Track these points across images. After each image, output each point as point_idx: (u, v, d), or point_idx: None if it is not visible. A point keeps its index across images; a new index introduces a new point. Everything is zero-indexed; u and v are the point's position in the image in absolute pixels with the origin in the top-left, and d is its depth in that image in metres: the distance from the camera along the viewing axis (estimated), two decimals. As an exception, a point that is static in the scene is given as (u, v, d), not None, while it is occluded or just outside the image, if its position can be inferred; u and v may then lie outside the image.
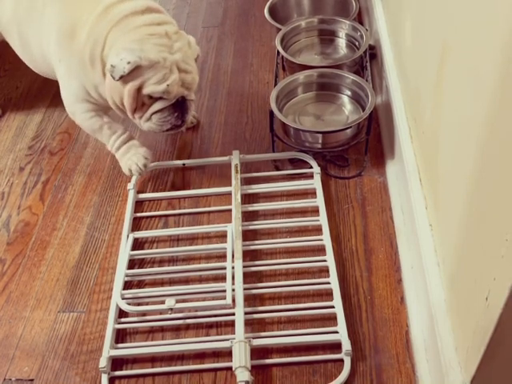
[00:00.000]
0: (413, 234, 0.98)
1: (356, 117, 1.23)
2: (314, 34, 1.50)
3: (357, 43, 1.44)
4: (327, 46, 1.49)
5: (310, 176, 1.18)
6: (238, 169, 1.18)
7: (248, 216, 1.13)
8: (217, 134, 1.33)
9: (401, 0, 1.20)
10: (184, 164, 1.24)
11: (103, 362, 0.90)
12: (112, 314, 0.97)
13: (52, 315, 1.01)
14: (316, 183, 1.15)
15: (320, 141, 1.20)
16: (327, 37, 1.49)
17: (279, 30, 1.46)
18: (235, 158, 1.21)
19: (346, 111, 1.29)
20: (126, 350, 0.93)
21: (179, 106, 1.08)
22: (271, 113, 1.20)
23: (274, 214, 1.14)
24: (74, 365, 0.94)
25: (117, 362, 0.93)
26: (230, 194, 1.16)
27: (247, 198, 1.17)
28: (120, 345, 0.95)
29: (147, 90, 1.04)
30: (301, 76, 1.31)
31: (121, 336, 0.97)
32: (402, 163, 1.07)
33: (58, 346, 0.97)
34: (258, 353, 0.92)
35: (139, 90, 1.04)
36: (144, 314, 0.99)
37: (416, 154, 1.04)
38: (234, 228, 1.06)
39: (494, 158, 0.63)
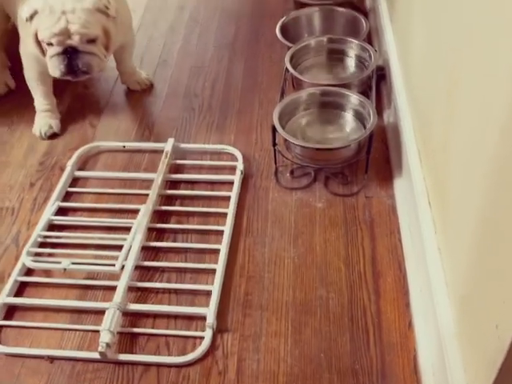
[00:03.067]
0: (421, 258, 0.97)
1: (358, 135, 1.23)
2: (323, 53, 1.51)
3: (366, 63, 1.45)
4: (336, 65, 1.50)
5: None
6: (168, 155, 1.28)
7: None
8: (225, 156, 1.33)
9: (410, 24, 1.21)
10: (124, 146, 1.35)
11: None
12: (18, 267, 1.09)
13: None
14: (236, 177, 1.24)
15: (320, 157, 1.22)
16: (336, 56, 1.51)
17: (289, 48, 1.48)
18: (168, 145, 1.30)
19: (349, 129, 1.30)
20: (19, 299, 1.05)
21: (69, 55, 1.21)
22: (273, 128, 1.21)
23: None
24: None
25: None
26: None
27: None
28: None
29: (39, 35, 1.21)
30: (304, 93, 1.32)
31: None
32: (411, 185, 1.07)
33: None
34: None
35: (37, 35, 1.21)
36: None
37: (425, 177, 1.04)
38: (145, 207, 1.16)
39: (506, 183, 0.62)
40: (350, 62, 1.49)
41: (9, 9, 1.43)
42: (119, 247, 1.11)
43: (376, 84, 1.36)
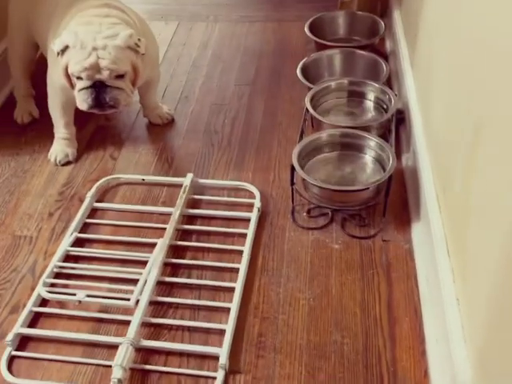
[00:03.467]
0: (438, 306, 0.96)
1: (377, 178, 1.24)
2: (343, 95, 1.53)
3: (385, 106, 1.47)
4: (355, 108, 1.52)
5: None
6: (186, 190, 1.28)
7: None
8: (243, 192, 1.34)
9: (432, 68, 1.22)
10: (143, 179, 1.37)
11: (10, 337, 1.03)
12: (33, 297, 1.10)
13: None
14: (253, 214, 1.25)
15: (338, 198, 1.22)
16: (356, 98, 1.52)
17: (309, 89, 1.50)
18: (187, 180, 1.30)
19: (367, 172, 1.30)
20: (33, 330, 1.06)
21: (98, 89, 1.24)
22: (292, 167, 1.22)
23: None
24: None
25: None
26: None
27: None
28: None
29: (69, 69, 1.24)
30: (324, 134, 1.33)
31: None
32: (429, 232, 1.07)
33: None
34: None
35: (67, 68, 1.24)
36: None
37: (444, 224, 1.03)
38: (162, 242, 1.16)
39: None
40: (370, 105, 1.50)
41: (39, 39, 1.47)
42: (134, 281, 1.11)
43: (395, 127, 1.37)
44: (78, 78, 1.24)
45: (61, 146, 1.45)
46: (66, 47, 1.22)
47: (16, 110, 1.59)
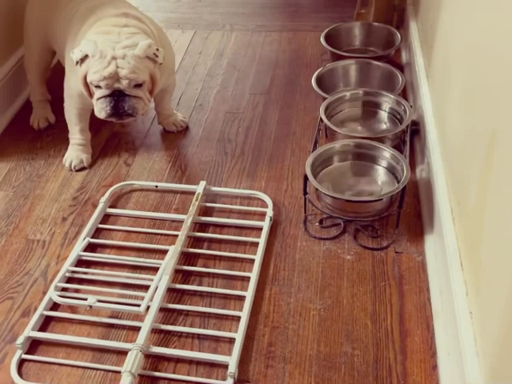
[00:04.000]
0: (451, 320, 0.95)
1: (390, 189, 1.23)
2: (358, 105, 1.52)
3: (399, 117, 1.46)
4: (370, 118, 1.52)
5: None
6: (199, 197, 1.29)
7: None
8: (255, 201, 1.34)
9: (448, 80, 1.22)
10: (157, 186, 1.37)
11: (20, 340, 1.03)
12: (45, 301, 1.10)
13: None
14: (265, 223, 1.25)
15: (351, 209, 1.21)
16: (371, 109, 1.52)
17: (324, 99, 1.50)
18: (200, 188, 1.31)
19: (381, 183, 1.29)
20: (43, 334, 1.06)
21: (116, 98, 1.24)
22: (305, 177, 1.22)
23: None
24: None
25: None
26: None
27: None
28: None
29: (88, 78, 1.24)
30: (338, 145, 1.33)
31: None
32: (443, 244, 1.06)
33: None
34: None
35: (86, 77, 1.25)
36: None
37: (458, 237, 1.02)
38: (173, 249, 1.16)
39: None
40: (384, 116, 1.50)
41: (56, 46, 1.49)
42: (145, 287, 1.11)
43: (410, 138, 1.36)
44: (97, 86, 1.24)
45: (76, 151, 1.46)
46: (86, 56, 1.23)
47: (32, 116, 1.61)
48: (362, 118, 1.52)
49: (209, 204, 1.33)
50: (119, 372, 0.97)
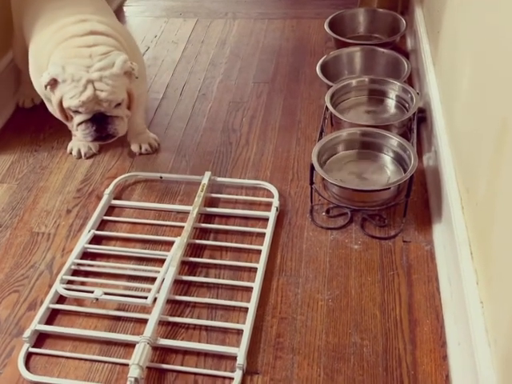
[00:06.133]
0: (461, 309, 0.94)
1: (397, 178, 1.22)
2: (364, 93, 1.51)
3: (406, 105, 1.44)
4: (376, 106, 1.50)
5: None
6: (204, 188, 1.27)
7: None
8: (261, 191, 1.33)
9: (456, 66, 1.20)
10: (161, 177, 1.36)
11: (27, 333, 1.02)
12: (51, 294, 1.09)
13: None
14: (271, 214, 1.23)
15: (358, 198, 1.20)
16: (377, 97, 1.50)
17: (329, 87, 1.48)
18: (205, 178, 1.30)
19: (388, 171, 1.28)
20: (50, 327, 1.05)
21: (98, 121, 1.21)
22: (312, 166, 1.20)
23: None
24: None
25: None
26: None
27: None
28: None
29: (64, 103, 1.20)
30: (344, 133, 1.31)
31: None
32: (452, 233, 1.04)
33: None
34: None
35: (61, 103, 1.20)
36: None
37: (467, 226, 1.01)
38: (179, 240, 1.15)
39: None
40: (391, 103, 1.48)
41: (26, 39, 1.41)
42: (151, 279, 1.11)
43: (416, 126, 1.35)
44: (76, 111, 1.20)
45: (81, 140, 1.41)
46: (54, 82, 1.17)
47: (18, 93, 1.60)
48: (368, 105, 1.50)
49: (214, 195, 1.31)
50: (127, 365, 0.97)
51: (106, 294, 1.06)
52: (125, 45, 1.29)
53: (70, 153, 1.45)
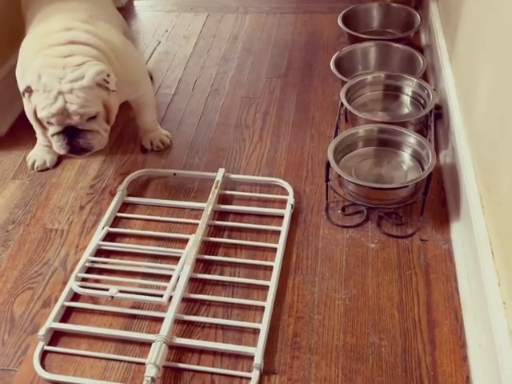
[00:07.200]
0: (481, 310, 0.93)
1: (415, 175, 1.20)
2: (379, 89, 1.49)
3: (422, 101, 1.42)
4: (392, 102, 1.48)
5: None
6: (218, 185, 1.26)
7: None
8: (275, 188, 1.32)
9: (474, 61, 1.18)
10: (175, 174, 1.35)
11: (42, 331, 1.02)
12: (65, 292, 1.09)
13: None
14: (286, 211, 1.22)
15: (375, 196, 1.19)
16: (392, 93, 1.48)
17: (343, 83, 1.46)
18: (219, 175, 1.29)
19: (405, 169, 1.27)
20: (65, 325, 1.05)
21: (70, 134, 1.17)
22: (328, 163, 1.19)
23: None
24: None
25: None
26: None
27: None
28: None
29: (38, 114, 1.17)
30: (361, 130, 1.30)
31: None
32: (471, 232, 1.03)
33: None
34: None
35: (36, 112, 1.18)
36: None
37: (488, 225, 0.99)
38: (194, 237, 1.14)
39: None
40: (406, 100, 1.46)
41: None
42: (167, 277, 1.10)
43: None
44: (49, 123, 1.16)
45: (41, 151, 1.40)
46: (29, 89, 1.15)
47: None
48: (383, 101, 1.48)
49: (228, 192, 1.30)
50: (143, 364, 0.96)
51: (120, 291, 1.05)
52: (110, 55, 1.23)
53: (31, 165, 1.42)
